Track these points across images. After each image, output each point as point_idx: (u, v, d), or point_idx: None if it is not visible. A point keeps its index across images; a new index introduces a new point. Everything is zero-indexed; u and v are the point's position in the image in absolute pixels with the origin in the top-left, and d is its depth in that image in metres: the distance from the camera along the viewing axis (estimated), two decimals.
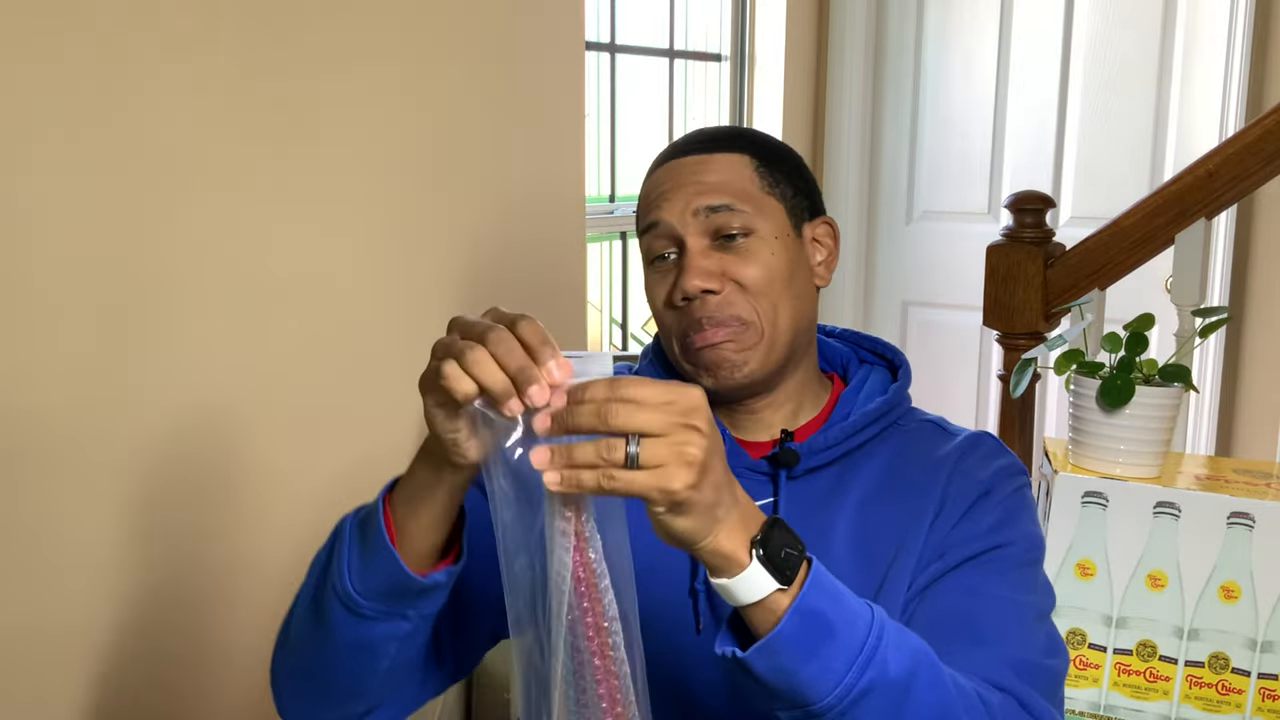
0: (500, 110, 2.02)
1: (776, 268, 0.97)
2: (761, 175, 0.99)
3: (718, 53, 3.09)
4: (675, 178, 0.99)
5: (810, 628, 0.71)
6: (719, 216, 0.96)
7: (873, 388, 1.04)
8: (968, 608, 0.90)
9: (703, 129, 1.05)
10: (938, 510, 0.95)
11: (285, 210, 1.69)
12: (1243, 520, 1.26)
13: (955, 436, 1.02)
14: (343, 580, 0.83)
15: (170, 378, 1.57)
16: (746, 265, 0.96)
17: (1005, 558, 0.93)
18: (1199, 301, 1.64)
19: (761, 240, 0.97)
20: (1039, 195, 1.77)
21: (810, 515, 0.96)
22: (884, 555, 0.94)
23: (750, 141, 1.01)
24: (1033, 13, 2.92)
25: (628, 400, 0.67)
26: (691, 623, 0.95)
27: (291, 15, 1.66)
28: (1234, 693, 1.27)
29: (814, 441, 0.97)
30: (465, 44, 1.94)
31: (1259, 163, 1.60)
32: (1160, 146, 2.80)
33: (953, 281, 3.08)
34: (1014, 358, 1.76)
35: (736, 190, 0.97)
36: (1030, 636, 0.90)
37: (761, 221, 0.97)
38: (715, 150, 0.99)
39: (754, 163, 0.99)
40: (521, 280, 2.12)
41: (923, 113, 3.11)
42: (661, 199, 0.99)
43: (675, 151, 1.01)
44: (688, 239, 0.97)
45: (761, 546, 0.71)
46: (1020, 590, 0.93)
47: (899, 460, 0.99)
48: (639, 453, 0.66)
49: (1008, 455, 1.01)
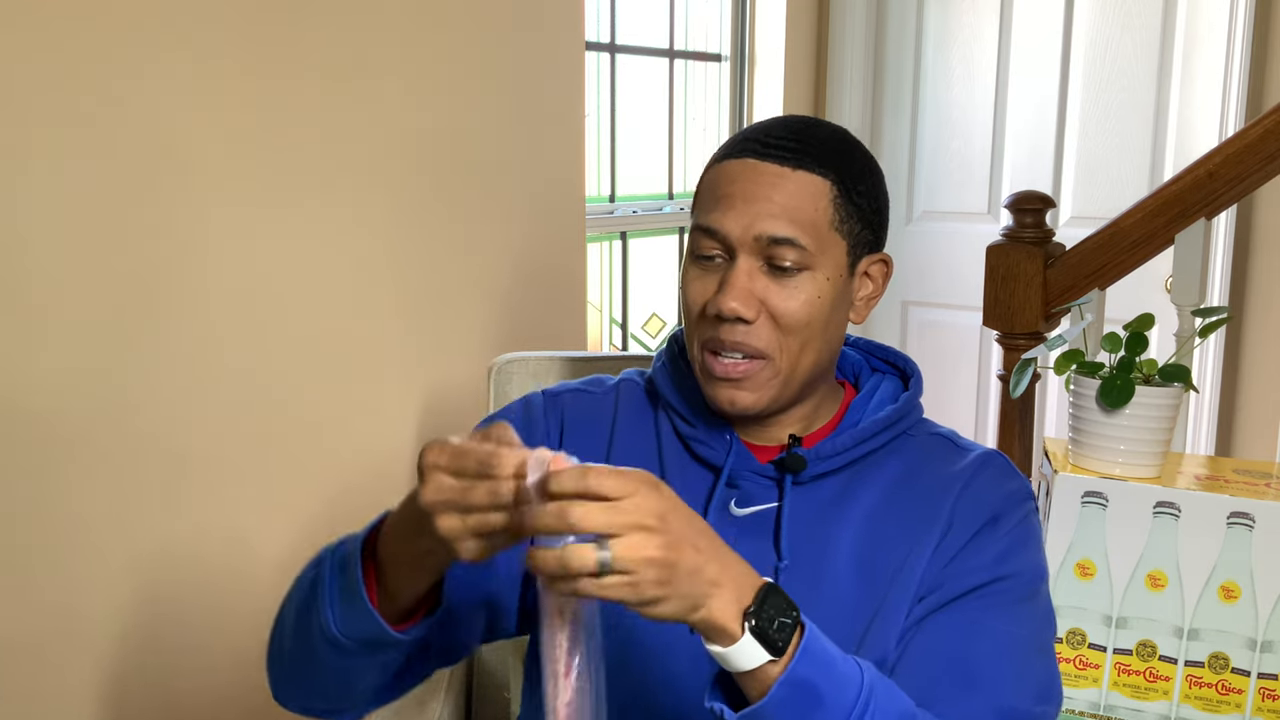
0: (500, 110, 2.02)
1: (818, 309, 0.93)
2: (837, 207, 0.93)
3: (718, 53, 3.09)
4: (748, 185, 0.92)
5: (799, 697, 0.72)
6: (779, 248, 0.91)
7: (883, 396, 1.03)
8: (964, 647, 0.89)
9: (790, 124, 0.96)
10: (944, 532, 0.94)
11: (285, 211, 1.69)
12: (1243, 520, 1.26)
13: (967, 454, 1.00)
14: (324, 619, 0.83)
15: (170, 377, 1.57)
16: (788, 301, 0.92)
17: (1007, 591, 0.92)
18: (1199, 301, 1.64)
19: (812, 279, 0.92)
20: (1039, 195, 1.77)
21: (814, 523, 0.95)
22: (886, 572, 0.93)
23: (838, 158, 0.94)
24: (1033, 13, 2.92)
25: (588, 496, 0.67)
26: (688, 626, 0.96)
27: (292, 16, 1.65)
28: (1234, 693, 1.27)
29: (822, 448, 0.96)
30: (465, 44, 1.94)
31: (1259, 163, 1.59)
32: (1160, 146, 2.79)
33: (953, 281, 3.08)
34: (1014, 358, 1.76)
35: (806, 223, 0.91)
36: (1024, 680, 0.89)
37: (819, 260, 0.92)
38: (800, 165, 0.92)
39: (834, 191, 0.93)
40: (521, 280, 2.12)
41: (923, 113, 3.11)
42: (727, 205, 0.92)
43: (758, 149, 0.93)
44: (740, 255, 0.92)
45: (754, 618, 0.71)
46: (1020, 625, 0.92)
47: (908, 474, 0.97)
48: (610, 559, 0.67)
49: (1018, 478, 0.99)
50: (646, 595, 0.68)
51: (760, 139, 0.94)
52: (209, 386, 1.61)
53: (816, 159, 0.92)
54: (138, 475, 1.55)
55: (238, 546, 1.68)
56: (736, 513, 0.96)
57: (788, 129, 0.95)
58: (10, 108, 1.37)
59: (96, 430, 1.50)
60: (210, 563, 1.65)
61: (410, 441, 1.92)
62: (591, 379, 1.09)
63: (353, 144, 1.77)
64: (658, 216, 2.91)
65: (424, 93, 1.88)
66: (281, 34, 1.65)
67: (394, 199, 1.85)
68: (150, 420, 1.55)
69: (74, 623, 1.50)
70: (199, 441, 1.61)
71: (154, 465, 1.56)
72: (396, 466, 1.90)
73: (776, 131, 0.95)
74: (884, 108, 3.17)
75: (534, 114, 2.10)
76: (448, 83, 1.91)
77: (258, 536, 1.70)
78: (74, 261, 1.45)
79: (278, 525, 1.72)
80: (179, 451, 1.59)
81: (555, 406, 1.05)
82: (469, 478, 0.70)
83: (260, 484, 1.70)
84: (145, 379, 1.54)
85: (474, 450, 0.70)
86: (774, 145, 0.93)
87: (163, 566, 1.59)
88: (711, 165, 0.97)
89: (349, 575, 0.81)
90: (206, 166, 1.58)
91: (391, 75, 1.81)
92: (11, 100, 1.37)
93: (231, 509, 1.66)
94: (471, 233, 2.00)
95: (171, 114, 1.53)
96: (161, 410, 1.56)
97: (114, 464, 1.52)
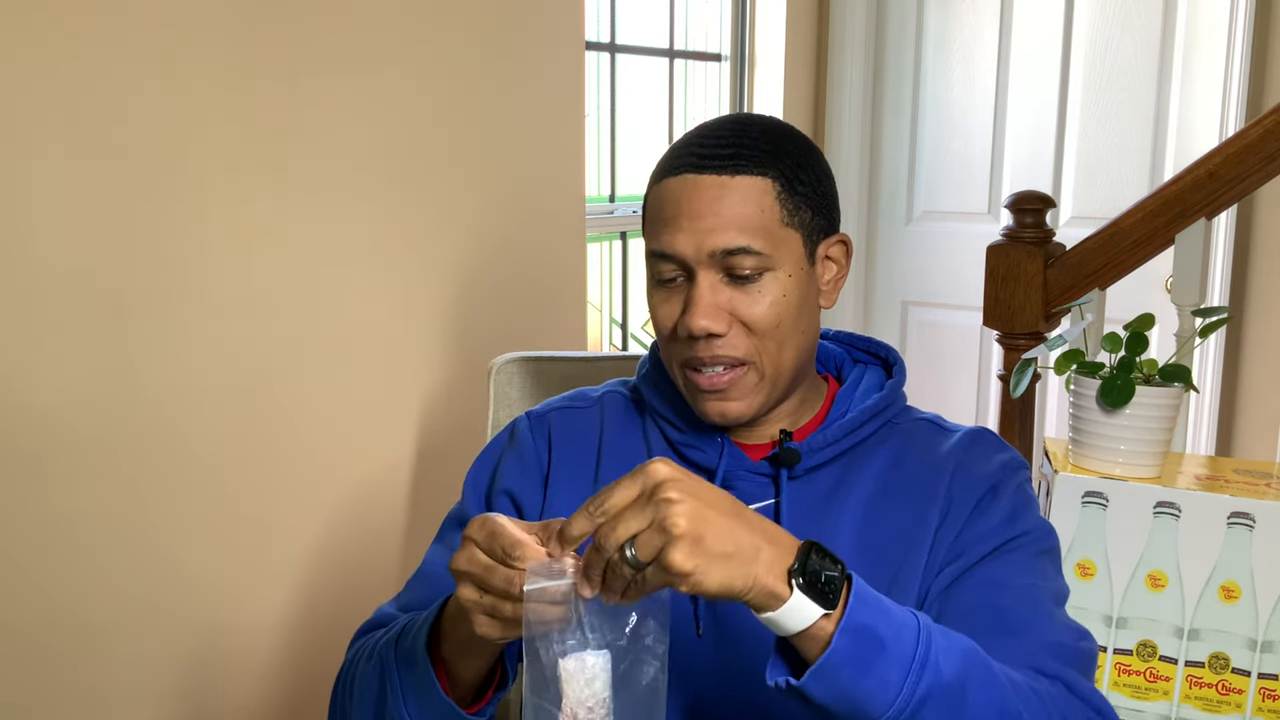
0: (500, 110, 2.02)
1: (786, 307, 0.93)
2: (783, 203, 0.92)
3: (718, 53, 3.09)
4: (692, 202, 0.91)
5: (861, 644, 0.71)
6: (735, 257, 0.91)
7: (869, 385, 1.03)
8: (994, 601, 0.90)
9: (722, 129, 0.95)
10: (945, 510, 0.95)
11: (285, 211, 1.69)
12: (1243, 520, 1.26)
13: (954, 434, 1.01)
14: (399, 711, 0.86)
15: (169, 378, 1.57)
16: (755, 305, 0.92)
17: (1022, 547, 0.93)
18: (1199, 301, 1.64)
19: (774, 279, 0.92)
20: (1039, 195, 1.77)
21: (813, 516, 0.95)
22: (891, 556, 0.94)
23: (775, 156, 0.93)
24: (1033, 13, 2.92)
25: (605, 516, 0.70)
26: (692, 625, 0.96)
27: (291, 16, 1.65)
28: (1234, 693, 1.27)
29: (813, 440, 0.97)
30: (465, 44, 1.94)
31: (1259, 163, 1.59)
32: (1160, 146, 2.79)
33: (953, 281, 3.08)
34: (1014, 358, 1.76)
35: (756, 227, 0.91)
36: (1057, 622, 0.91)
37: (777, 259, 0.92)
38: (738, 170, 0.91)
39: (777, 188, 0.92)
40: (521, 280, 2.12)
41: (923, 113, 3.11)
42: (675, 226, 0.92)
43: (694, 162, 0.92)
44: (699, 273, 0.92)
45: (800, 575, 0.71)
46: (1041, 577, 0.93)
47: (900, 459, 0.98)
48: (636, 555, 0.69)
49: (1008, 449, 1.00)
50: (686, 571, 0.68)
51: (695, 151, 0.93)
52: (208, 386, 1.61)
53: (753, 160, 0.92)
54: (137, 475, 1.55)
55: (239, 546, 1.68)
56: None
57: (720, 134, 0.94)
58: (10, 108, 1.37)
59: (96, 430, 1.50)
60: (211, 562, 1.65)
61: (411, 441, 1.92)
62: (575, 393, 1.10)
63: (352, 144, 1.77)
64: None
65: (424, 93, 1.88)
66: (281, 34, 1.64)
67: (394, 199, 1.85)
68: (149, 421, 1.55)
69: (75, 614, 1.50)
70: (198, 442, 1.61)
71: (153, 466, 1.56)
72: (397, 466, 1.90)
73: (709, 140, 0.94)
74: (884, 108, 3.17)
75: (534, 114, 2.10)
76: (447, 83, 1.91)
77: (259, 536, 1.70)
78: (73, 263, 1.45)
79: (278, 525, 1.72)
80: (178, 453, 1.59)
81: (541, 427, 1.06)
82: (495, 559, 0.73)
83: (261, 484, 1.70)
84: (144, 379, 1.54)
85: (506, 534, 0.73)
86: (709, 155, 0.92)
87: (163, 566, 1.59)
88: (653, 184, 0.96)
89: (419, 670, 0.83)
90: (206, 167, 1.58)
91: (391, 75, 1.81)
92: (11, 100, 1.37)
93: (231, 509, 1.66)
94: (471, 232, 1.99)
95: (171, 115, 1.53)
96: (160, 411, 1.56)
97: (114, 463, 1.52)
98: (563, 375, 1.46)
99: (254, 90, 1.62)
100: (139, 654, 1.58)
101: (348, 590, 1.82)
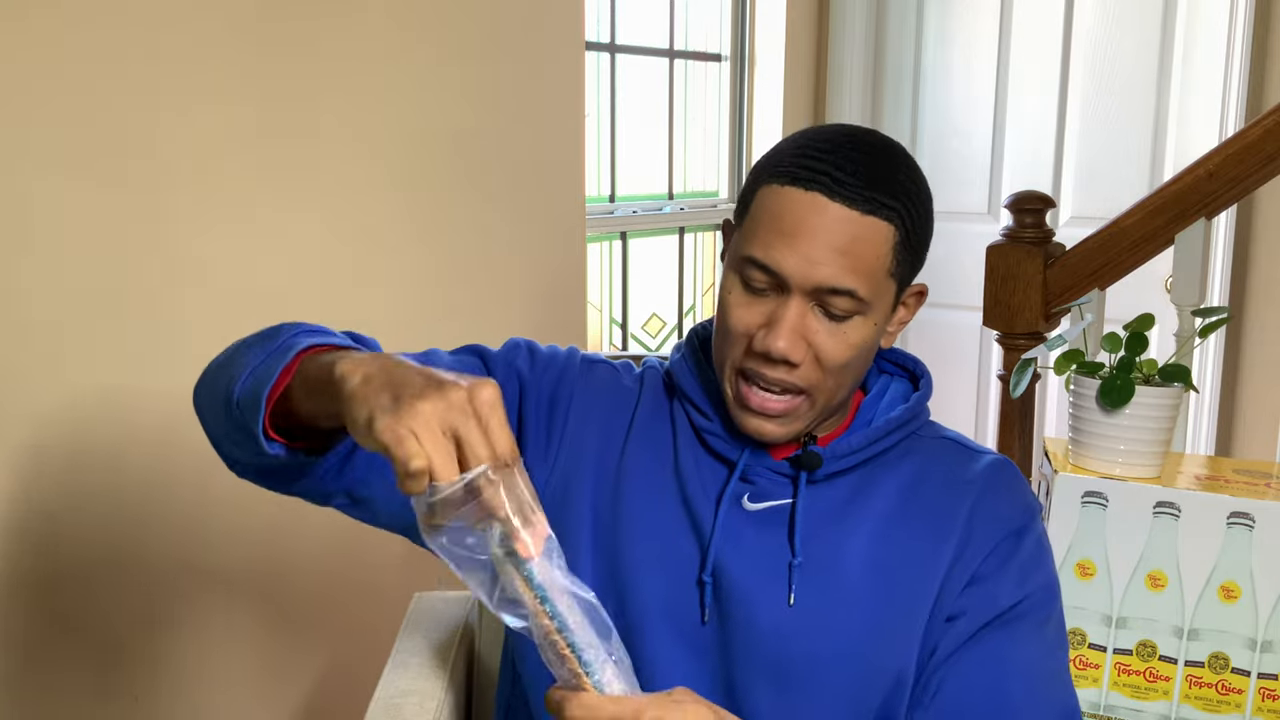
0: (500, 110, 2.02)
1: (863, 349, 0.92)
2: (896, 254, 0.89)
3: (718, 53, 3.09)
4: (813, 227, 0.86)
5: None
6: (836, 297, 0.88)
7: (894, 397, 1.02)
8: (996, 685, 0.91)
9: (863, 150, 0.89)
10: (961, 545, 0.94)
11: (284, 212, 1.69)
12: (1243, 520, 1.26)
13: (978, 458, 1.00)
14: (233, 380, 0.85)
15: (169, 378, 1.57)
16: (837, 345, 0.90)
17: (1030, 613, 0.93)
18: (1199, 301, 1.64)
19: (863, 323, 0.90)
20: (1039, 195, 1.77)
21: (827, 522, 0.95)
22: (901, 577, 0.93)
23: (907, 202, 0.89)
24: (1033, 13, 2.92)
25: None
26: (695, 612, 0.96)
27: (291, 16, 1.65)
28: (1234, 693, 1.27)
29: (837, 446, 0.96)
30: (465, 44, 1.94)
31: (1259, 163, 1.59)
32: (1160, 146, 2.80)
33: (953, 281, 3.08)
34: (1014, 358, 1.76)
35: (865, 272, 0.88)
36: (1054, 713, 0.92)
37: (872, 306, 0.90)
38: (870, 210, 0.87)
39: (896, 238, 0.88)
40: (522, 280, 2.12)
41: (923, 113, 3.11)
42: (788, 244, 0.87)
43: (829, 184, 0.87)
44: (794, 296, 0.88)
45: None
46: (1045, 652, 0.94)
47: (920, 476, 0.97)
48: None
49: (1029, 489, 1.00)
50: None
51: (832, 173, 0.87)
52: None
53: (887, 204, 0.87)
54: (137, 473, 1.55)
55: (241, 545, 1.68)
56: (750, 507, 0.96)
57: (861, 163, 0.88)
58: (10, 108, 1.37)
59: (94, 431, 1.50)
60: (213, 563, 1.65)
61: None
62: (623, 363, 1.09)
63: (351, 145, 1.77)
64: (658, 216, 2.91)
65: (423, 93, 1.88)
66: (280, 34, 1.64)
67: (394, 200, 1.85)
68: (149, 422, 1.55)
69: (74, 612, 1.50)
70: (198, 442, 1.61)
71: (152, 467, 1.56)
72: None
73: (849, 164, 0.87)
74: (884, 108, 3.17)
75: (534, 114, 2.10)
76: (447, 83, 1.91)
77: (258, 536, 1.70)
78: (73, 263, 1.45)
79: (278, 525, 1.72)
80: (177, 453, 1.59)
81: (589, 374, 1.04)
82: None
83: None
84: (143, 379, 1.54)
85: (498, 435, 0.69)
86: (847, 181, 0.87)
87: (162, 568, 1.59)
88: (771, 182, 0.90)
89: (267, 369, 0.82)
90: (206, 168, 1.58)
91: (391, 75, 1.81)
92: (11, 101, 1.37)
93: (232, 507, 1.66)
94: (471, 233, 1.99)
95: (172, 116, 1.53)
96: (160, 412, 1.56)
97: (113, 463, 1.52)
98: None
99: (254, 91, 1.62)
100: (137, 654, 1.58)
101: (348, 590, 1.82)
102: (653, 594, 0.95)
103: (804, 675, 0.92)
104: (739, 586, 0.93)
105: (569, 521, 0.98)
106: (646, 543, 0.96)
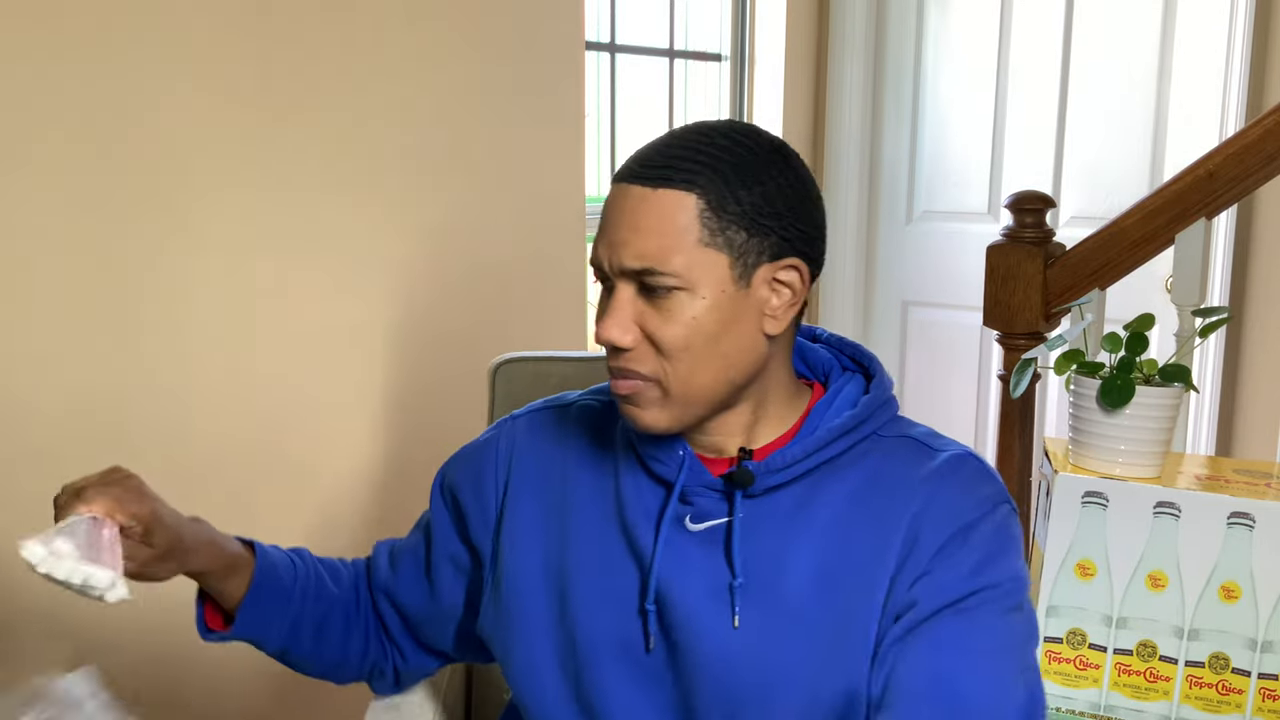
0: (500, 110, 2.02)
1: (699, 329, 0.87)
2: (706, 222, 0.86)
3: (718, 53, 3.09)
4: (616, 213, 0.89)
5: None
6: (650, 277, 0.87)
7: (844, 401, 0.98)
8: (949, 672, 0.85)
9: (674, 137, 0.90)
10: (907, 549, 0.89)
11: (283, 212, 1.69)
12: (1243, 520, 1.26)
13: (936, 456, 0.94)
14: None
15: (168, 379, 1.57)
16: (664, 324, 0.87)
17: (987, 602, 0.88)
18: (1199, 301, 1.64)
19: (687, 299, 0.87)
20: (1039, 195, 1.77)
21: (770, 537, 0.92)
22: (850, 588, 0.90)
23: (711, 170, 0.87)
24: (1033, 13, 2.92)
25: None
26: (642, 641, 0.95)
27: (291, 16, 1.66)
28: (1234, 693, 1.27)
29: (772, 460, 0.92)
30: (465, 44, 1.94)
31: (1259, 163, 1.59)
32: (1160, 146, 2.79)
33: (953, 281, 3.08)
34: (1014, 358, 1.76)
35: (666, 248, 0.86)
36: (1008, 705, 0.86)
37: (691, 279, 0.86)
38: (661, 183, 0.86)
39: (700, 205, 0.86)
40: (522, 280, 2.12)
41: (923, 113, 3.11)
42: (600, 235, 0.90)
43: (633, 168, 0.89)
44: (617, 283, 0.89)
45: None
46: (1003, 642, 0.88)
47: (872, 480, 0.93)
48: None
49: (993, 481, 0.94)
50: None
51: (637, 159, 0.89)
52: (206, 385, 1.61)
53: (682, 174, 0.86)
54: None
55: None
56: (692, 528, 0.93)
57: (665, 144, 0.89)
58: (11, 109, 1.37)
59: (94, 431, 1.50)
60: None
61: (411, 440, 1.92)
62: (558, 396, 1.09)
63: (351, 145, 1.77)
64: None
65: (423, 92, 1.88)
66: (280, 34, 1.65)
67: (393, 199, 1.85)
68: (148, 423, 1.55)
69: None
70: (197, 441, 1.61)
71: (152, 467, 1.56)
72: (397, 465, 1.90)
73: (652, 150, 0.89)
74: (884, 108, 3.17)
75: (534, 114, 2.10)
76: (447, 83, 1.92)
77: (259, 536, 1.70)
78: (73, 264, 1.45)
79: (276, 525, 1.72)
80: (176, 454, 1.59)
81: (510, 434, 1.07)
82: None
83: (259, 483, 1.70)
84: (143, 380, 1.54)
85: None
86: (645, 163, 0.88)
87: None
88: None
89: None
90: (205, 169, 1.58)
91: (390, 76, 1.81)
92: (11, 101, 1.37)
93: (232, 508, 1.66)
94: (471, 232, 2.00)
95: (171, 118, 1.53)
96: (158, 413, 1.56)
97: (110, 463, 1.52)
98: (562, 375, 1.46)
99: (254, 92, 1.62)
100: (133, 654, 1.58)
101: None
102: (602, 629, 0.94)
103: (754, 701, 0.90)
104: (683, 612, 0.91)
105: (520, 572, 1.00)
106: (591, 578, 0.96)
